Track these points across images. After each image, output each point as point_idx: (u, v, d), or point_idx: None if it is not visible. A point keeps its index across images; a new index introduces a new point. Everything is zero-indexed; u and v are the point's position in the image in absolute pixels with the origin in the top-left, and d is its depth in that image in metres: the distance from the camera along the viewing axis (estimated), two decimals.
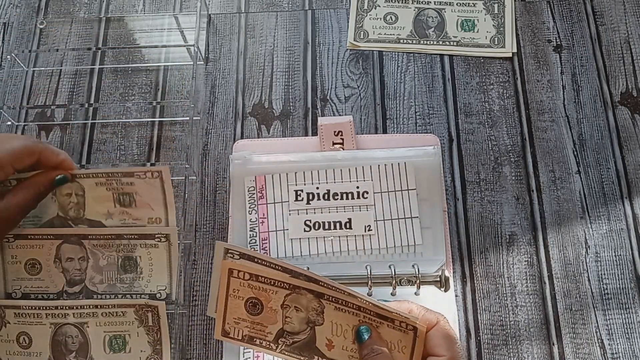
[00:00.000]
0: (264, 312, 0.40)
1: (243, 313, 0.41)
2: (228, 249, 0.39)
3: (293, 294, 0.39)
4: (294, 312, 0.40)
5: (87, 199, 0.56)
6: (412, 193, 0.57)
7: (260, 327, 0.41)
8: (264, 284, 0.40)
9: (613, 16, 0.66)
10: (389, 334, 0.40)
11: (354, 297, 0.38)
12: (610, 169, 0.60)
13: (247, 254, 0.39)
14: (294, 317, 0.40)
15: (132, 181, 0.55)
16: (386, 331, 0.40)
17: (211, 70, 0.66)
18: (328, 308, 0.39)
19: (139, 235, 0.55)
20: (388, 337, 0.40)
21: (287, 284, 0.39)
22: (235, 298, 0.40)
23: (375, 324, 0.40)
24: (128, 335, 0.53)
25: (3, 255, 0.55)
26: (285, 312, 0.40)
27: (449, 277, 0.55)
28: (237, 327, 0.41)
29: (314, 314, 0.40)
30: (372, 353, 0.39)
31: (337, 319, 0.40)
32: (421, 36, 0.63)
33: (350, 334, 0.40)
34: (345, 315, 0.39)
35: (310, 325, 0.40)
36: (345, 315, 0.39)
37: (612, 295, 0.55)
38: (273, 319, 0.40)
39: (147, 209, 0.56)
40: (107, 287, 0.55)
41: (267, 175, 0.58)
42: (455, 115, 0.63)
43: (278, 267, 0.39)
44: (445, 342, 0.40)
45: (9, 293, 0.55)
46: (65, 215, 0.56)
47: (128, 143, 0.63)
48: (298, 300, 0.40)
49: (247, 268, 0.39)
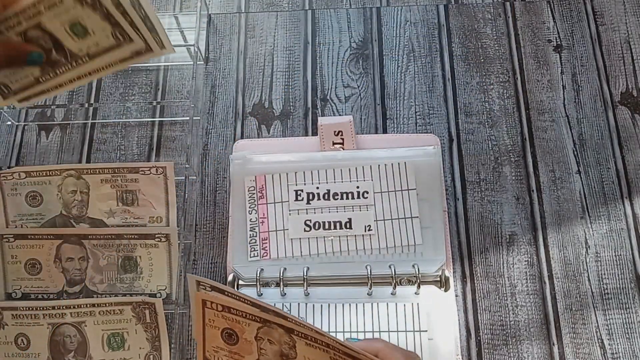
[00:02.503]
0: (240, 343, 0.41)
1: (221, 342, 0.41)
2: (199, 282, 0.40)
3: (265, 327, 0.40)
4: (267, 344, 0.40)
5: (91, 197, 0.56)
6: (412, 193, 0.57)
7: (237, 356, 0.41)
8: (237, 316, 0.40)
9: (613, 16, 0.66)
10: None
11: (321, 335, 0.38)
12: (610, 169, 0.60)
13: (217, 287, 0.39)
14: (268, 349, 0.40)
15: (137, 177, 0.55)
16: None
17: (211, 70, 0.66)
18: (299, 343, 0.39)
19: (139, 235, 0.55)
20: None
21: (257, 317, 0.39)
22: (211, 328, 0.41)
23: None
24: (126, 332, 0.53)
25: (3, 255, 0.55)
26: (260, 344, 0.40)
27: (449, 277, 0.55)
28: (217, 355, 0.42)
29: (287, 348, 0.40)
30: None
31: (309, 354, 0.40)
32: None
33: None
34: (317, 352, 0.39)
35: (284, 358, 0.40)
36: (317, 351, 0.39)
37: (612, 295, 0.55)
38: (249, 349, 0.41)
39: (148, 208, 0.56)
40: (107, 287, 0.55)
41: (267, 175, 0.58)
42: (455, 115, 0.63)
43: (247, 301, 0.39)
44: None
45: (9, 293, 0.55)
46: (69, 214, 0.57)
47: (128, 143, 0.63)
48: (270, 333, 0.40)
49: (219, 300, 0.39)
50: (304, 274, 0.54)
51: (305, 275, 0.54)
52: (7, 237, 0.55)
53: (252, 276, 0.55)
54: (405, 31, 0.67)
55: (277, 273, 0.54)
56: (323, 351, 0.39)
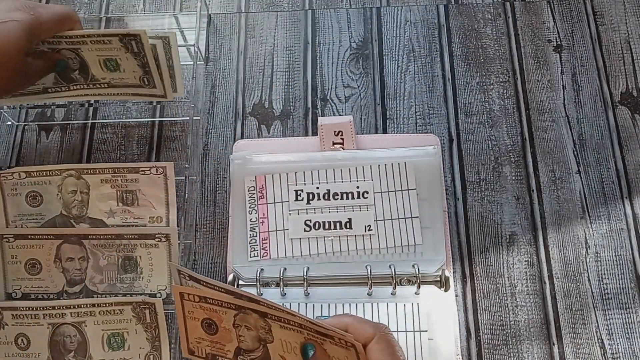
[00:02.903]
0: (220, 332, 0.41)
1: (202, 333, 0.42)
2: (180, 271, 0.40)
3: (240, 313, 0.40)
4: (245, 331, 0.41)
5: (91, 197, 0.56)
6: (412, 193, 0.57)
7: (219, 345, 0.42)
8: (213, 305, 0.40)
9: (613, 16, 0.66)
10: (334, 350, 0.39)
11: (293, 315, 0.39)
12: (610, 169, 0.60)
13: (194, 277, 0.40)
14: (247, 335, 0.41)
15: (137, 177, 0.56)
16: (331, 348, 0.39)
17: (211, 70, 0.66)
18: (274, 326, 0.40)
19: (139, 235, 0.55)
20: (334, 353, 0.40)
21: (232, 304, 0.40)
22: (191, 319, 0.42)
23: (319, 340, 0.40)
24: (126, 332, 0.53)
25: (3, 255, 0.55)
26: (238, 331, 0.41)
27: (449, 277, 0.55)
28: (200, 346, 0.43)
29: (263, 332, 0.41)
30: None
31: (285, 337, 0.40)
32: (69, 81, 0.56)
33: (299, 351, 0.40)
34: (291, 333, 0.40)
35: (262, 342, 0.41)
36: (291, 332, 0.40)
37: (612, 295, 0.55)
38: (228, 337, 0.41)
39: (148, 208, 0.56)
40: (107, 287, 0.55)
41: (267, 175, 0.58)
42: (455, 115, 0.63)
43: (221, 289, 0.40)
44: (386, 356, 0.38)
45: (9, 293, 0.55)
46: (69, 214, 0.57)
47: (128, 143, 0.63)
48: (246, 319, 0.40)
49: (195, 291, 0.40)
50: (304, 274, 0.54)
51: (305, 275, 0.54)
52: (7, 237, 0.55)
53: (252, 276, 0.55)
54: (405, 31, 0.67)
55: (277, 273, 0.54)
56: (297, 332, 0.39)
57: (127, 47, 0.52)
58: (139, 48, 0.52)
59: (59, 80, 0.55)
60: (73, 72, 0.54)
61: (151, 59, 0.52)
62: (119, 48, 0.52)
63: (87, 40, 0.51)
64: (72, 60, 0.53)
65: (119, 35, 0.51)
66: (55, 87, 0.56)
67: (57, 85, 0.55)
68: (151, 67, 0.53)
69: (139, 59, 0.52)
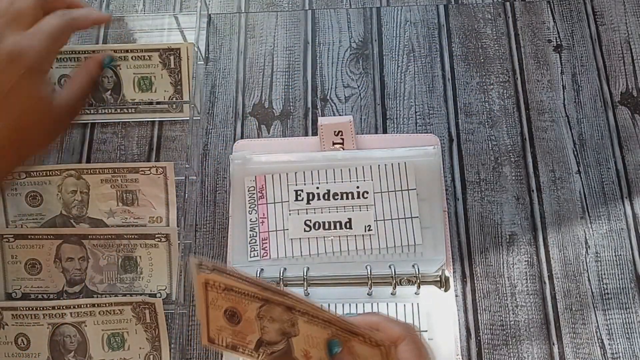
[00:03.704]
0: (242, 322, 0.41)
1: (224, 323, 0.41)
2: (200, 263, 0.40)
3: (265, 305, 0.40)
4: (269, 323, 0.40)
5: (91, 197, 0.56)
6: (412, 193, 0.57)
7: (241, 335, 0.41)
8: (238, 296, 0.40)
9: (613, 16, 0.66)
10: (361, 348, 0.39)
11: (320, 311, 0.39)
12: (610, 169, 0.60)
13: (217, 268, 0.40)
14: (270, 328, 0.40)
15: (137, 177, 0.56)
16: (357, 346, 0.40)
17: (211, 70, 0.66)
18: (300, 320, 0.40)
19: (139, 235, 0.55)
20: (360, 351, 0.40)
21: (258, 295, 0.40)
22: (214, 308, 0.41)
23: (345, 338, 0.39)
24: (126, 332, 0.53)
25: (3, 255, 0.55)
26: (262, 323, 0.41)
27: (449, 277, 0.55)
28: (220, 335, 0.42)
29: (288, 326, 0.40)
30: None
31: (310, 332, 0.40)
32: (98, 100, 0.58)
33: (323, 347, 0.40)
34: (316, 328, 0.40)
35: (286, 336, 0.41)
36: (316, 328, 0.39)
37: (612, 295, 0.55)
38: (251, 328, 0.41)
39: (148, 208, 0.56)
40: (107, 287, 0.55)
41: (267, 175, 0.58)
42: (455, 115, 0.63)
43: (247, 280, 0.40)
44: (413, 356, 0.38)
45: (9, 293, 0.55)
46: (69, 214, 0.57)
47: (128, 143, 0.63)
48: (271, 311, 0.40)
49: (220, 280, 0.40)
50: (304, 274, 0.54)
51: (305, 275, 0.54)
52: (7, 237, 0.55)
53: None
54: (405, 31, 0.67)
55: (277, 273, 0.54)
56: (323, 328, 0.39)
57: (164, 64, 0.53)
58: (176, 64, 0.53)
59: (90, 99, 0.56)
60: (105, 92, 0.55)
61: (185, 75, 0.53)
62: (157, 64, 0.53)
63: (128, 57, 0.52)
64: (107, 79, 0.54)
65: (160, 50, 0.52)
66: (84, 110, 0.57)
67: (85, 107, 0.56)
68: (183, 87, 0.54)
69: (173, 76, 0.54)
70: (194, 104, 0.59)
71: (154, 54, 0.58)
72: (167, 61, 0.53)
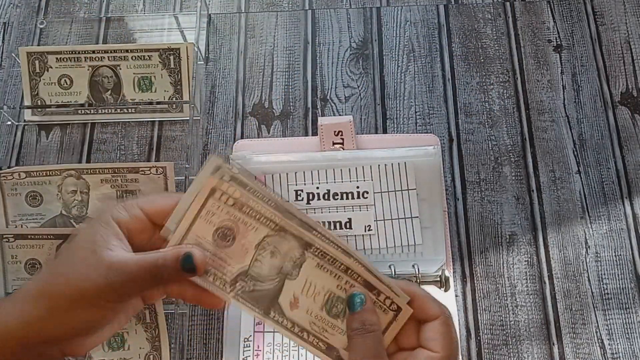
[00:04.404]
0: (233, 247, 0.35)
1: (208, 241, 0.35)
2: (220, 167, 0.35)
3: (276, 236, 0.35)
4: (267, 256, 0.35)
5: (91, 197, 0.56)
6: (412, 193, 0.57)
7: (221, 262, 0.35)
8: (247, 216, 0.35)
9: (613, 16, 0.66)
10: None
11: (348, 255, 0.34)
12: (610, 169, 0.60)
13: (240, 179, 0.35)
14: (265, 262, 0.35)
15: (137, 177, 0.56)
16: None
17: (211, 70, 0.66)
18: (309, 263, 0.35)
19: None
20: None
21: (273, 223, 0.35)
22: (205, 222, 0.35)
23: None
24: (126, 332, 0.53)
25: (3, 255, 0.55)
26: (258, 254, 0.35)
27: (449, 277, 0.55)
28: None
29: (290, 265, 0.35)
30: (363, 330, 0.34)
31: (314, 278, 0.35)
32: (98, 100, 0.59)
33: (321, 299, 0.36)
34: (325, 276, 0.35)
35: (281, 276, 0.35)
36: (325, 275, 0.35)
37: (612, 295, 0.55)
38: (240, 257, 0.35)
39: None
40: None
41: (267, 175, 0.58)
42: (455, 115, 0.63)
43: (272, 202, 0.35)
44: (443, 340, 0.35)
45: (9, 293, 0.55)
46: (69, 214, 0.57)
47: (128, 143, 0.63)
48: (278, 243, 0.35)
49: (233, 193, 0.35)
50: None
51: None
52: (7, 237, 0.55)
53: None
54: (405, 31, 0.67)
55: None
56: (334, 277, 0.35)
57: (164, 64, 0.53)
58: (176, 64, 0.53)
59: (90, 100, 0.56)
60: (105, 92, 0.55)
61: (185, 75, 0.54)
62: (157, 64, 0.53)
63: (128, 56, 0.52)
64: (107, 79, 0.54)
65: (159, 50, 0.52)
66: (84, 110, 0.57)
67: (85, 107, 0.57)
68: (183, 88, 0.54)
69: (174, 76, 0.54)
70: (193, 104, 0.59)
71: (154, 54, 0.58)
72: (167, 61, 0.54)
